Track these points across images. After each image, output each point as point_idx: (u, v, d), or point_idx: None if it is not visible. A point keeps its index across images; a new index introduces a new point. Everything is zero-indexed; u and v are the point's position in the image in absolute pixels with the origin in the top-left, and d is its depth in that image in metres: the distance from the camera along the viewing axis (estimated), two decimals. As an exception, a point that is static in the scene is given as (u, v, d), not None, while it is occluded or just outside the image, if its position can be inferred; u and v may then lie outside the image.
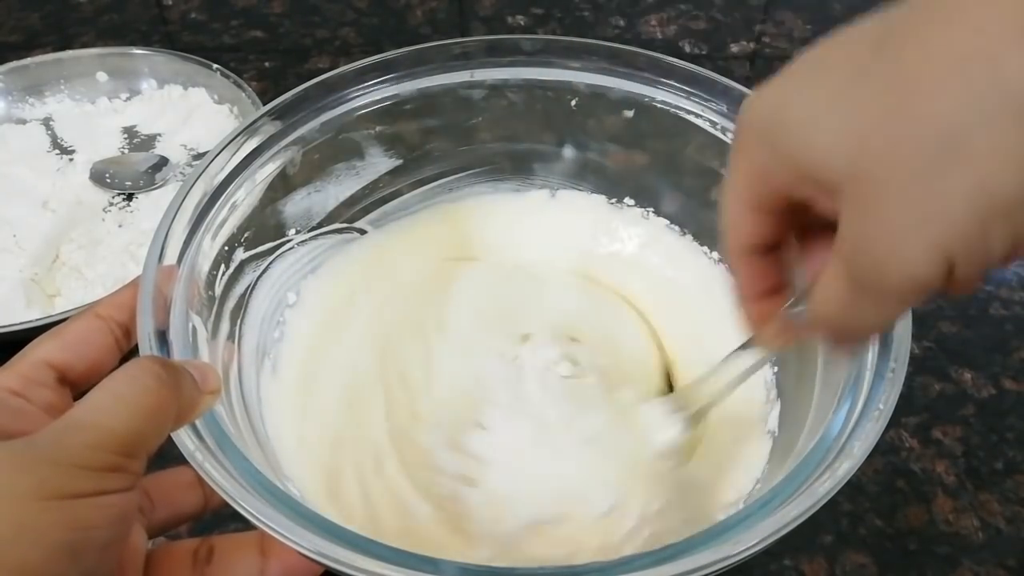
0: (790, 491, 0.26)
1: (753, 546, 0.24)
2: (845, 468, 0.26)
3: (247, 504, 0.26)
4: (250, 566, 0.30)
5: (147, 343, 0.29)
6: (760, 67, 0.74)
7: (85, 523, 0.21)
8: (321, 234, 0.45)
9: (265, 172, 0.40)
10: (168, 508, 0.32)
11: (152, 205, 0.59)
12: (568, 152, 0.48)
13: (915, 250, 0.19)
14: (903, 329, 0.30)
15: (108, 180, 0.60)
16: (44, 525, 0.20)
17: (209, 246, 0.36)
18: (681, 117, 0.42)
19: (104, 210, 0.59)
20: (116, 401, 0.23)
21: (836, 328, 0.23)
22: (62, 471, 0.21)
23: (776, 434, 0.37)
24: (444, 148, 0.47)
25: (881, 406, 0.28)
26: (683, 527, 0.35)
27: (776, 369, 0.40)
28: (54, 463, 0.21)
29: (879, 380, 0.29)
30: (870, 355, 0.30)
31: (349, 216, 0.46)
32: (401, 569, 0.24)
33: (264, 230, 0.41)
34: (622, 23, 0.79)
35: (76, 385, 0.28)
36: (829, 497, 0.26)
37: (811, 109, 0.21)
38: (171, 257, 0.33)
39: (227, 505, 0.26)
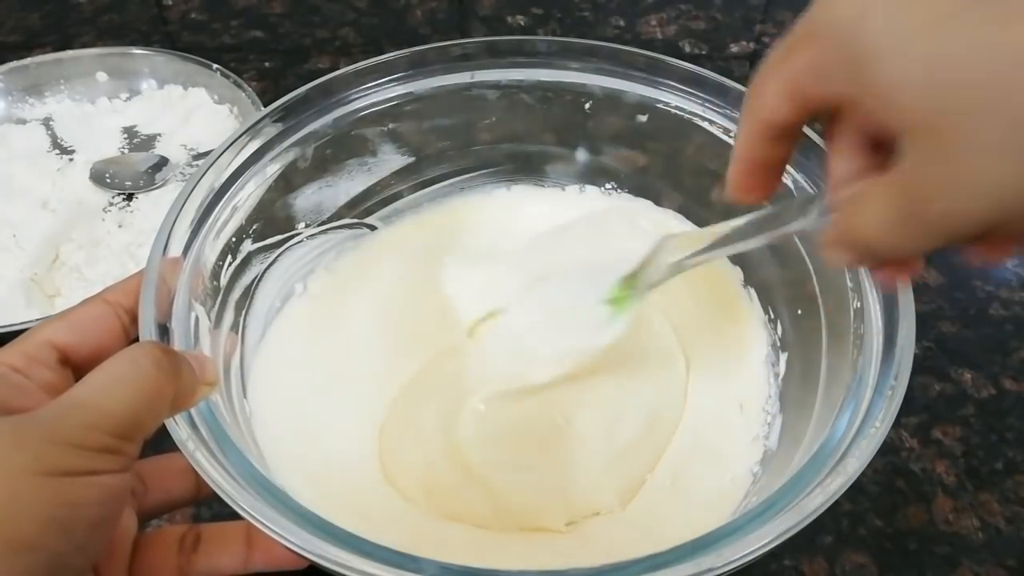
0: (783, 504, 0.26)
1: (741, 557, 0.24)
2: (838, 483, 0.26)
3: (235, 495, 0.26)
4: (235, 555, 0.30)
5: (148, 332, 0.30)
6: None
7: (77, 500, 0.22)
8: (331, 228, 0.45)
9: (275, 166, 0.40)
10: (160, 493, 0.32)
11: (152, 205, 0.59)
12: (581, 155, 0.48)
13: (983, 202, 0.19)
14: (906, 344, 0.30)
15: (108, 180, 0.60)
16: (38, 500, 0.21)
17: (216, 237, 0.36)
18: (695, 123, 0.42)
19: (104, 210, 0.59)
20: (115, 383, 0.23)
21: (866, 248, 0.23)
22: (58, 449, 0.21)
23: (775, 447, 0.37)
24: (456, 147, 0.47)
25: (878, 423, 0.28)
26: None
27: (781, 387, 0.40)
28: (51, 441, 0.22)
29: (878, 397, 0.29)
30: (872, 369, 0.30)
31: (359, 212, 0.46)
32: (384, 566, 0.24)
33: (273, 223, 0.41)
34: (622, 23, 0.79)
35: (79, 367, 0.28)
36: (819, 513, 0.26)
37: (901, 31, 0.19)
38: (176, 249, 0.33)
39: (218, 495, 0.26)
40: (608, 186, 0.49)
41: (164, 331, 0.31)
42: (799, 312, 0.40)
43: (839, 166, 0.25)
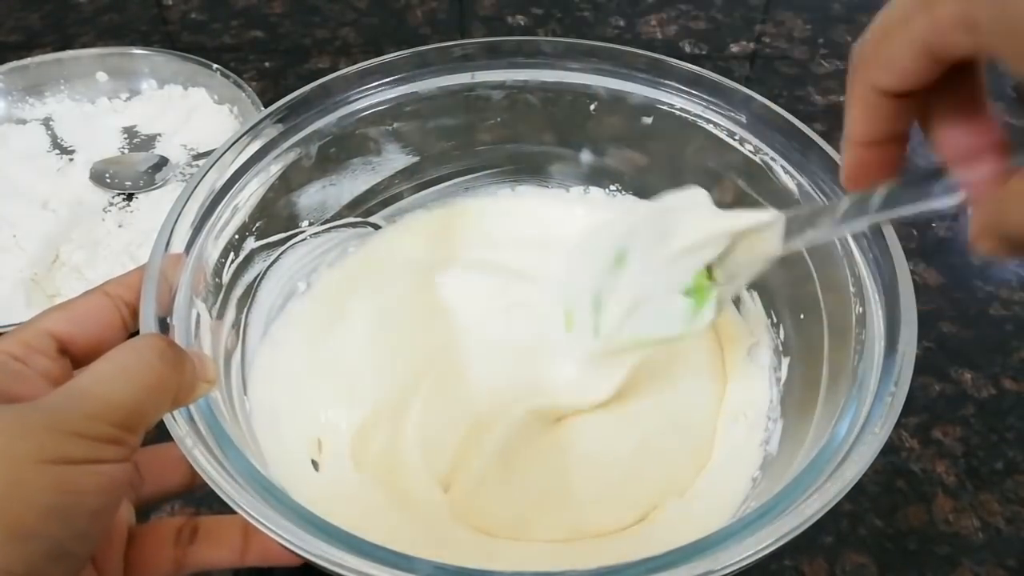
0: (780, 509, 0.26)
1: (738, 561, 0.24)
2: (837, 488, 0.26)
3: (233, 493, 0.26)
4: (231, 549, 0.31)
5: (149, 327, 0.30)
6: (760, 67, 0.74)
7: (79, 488, 0.22)
8: (334, 227, 0.45)
9: (278, 165, 0.40)
10: (156, 483, 0.32)
11: (152, 205, 0.59)
12: (585, 156, 0.48)
13: None
14: (907, 350, 0.30)
15: (108, 180, 0.60)
16: (40, 487, 0.21)
17: (218, 234, 0.36)
18: (697, 124, 0.42)
19: (104, 210, 0.59)
20: (119, 373, 0.23)
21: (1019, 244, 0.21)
22: (60, 437, 0.22)
23: (776, 452, 0.37)
24: (460, 148, 0.48)
25: (877, 429, 0.28)
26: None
27: (782, 392, 0.40)
28: (53, 429, 0.22)
29: (879, 402, 0.29)
30: (873, 374, 0.30)
31: (363, 211, 0.47)
32: (380, 566, 0.24)
33: (276, 221, 0.41)
34: (622, 23, 0.79)
35: (78, 359, 0.28)
36: (816, 518, 0.26)
37: None
38: (178, 246, 0.33)
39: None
40: (612, 188, 0.49)
41: (165, 327, 0.31)
42: (801, 316, 0.40)
43: (953, 138, 0.24)
